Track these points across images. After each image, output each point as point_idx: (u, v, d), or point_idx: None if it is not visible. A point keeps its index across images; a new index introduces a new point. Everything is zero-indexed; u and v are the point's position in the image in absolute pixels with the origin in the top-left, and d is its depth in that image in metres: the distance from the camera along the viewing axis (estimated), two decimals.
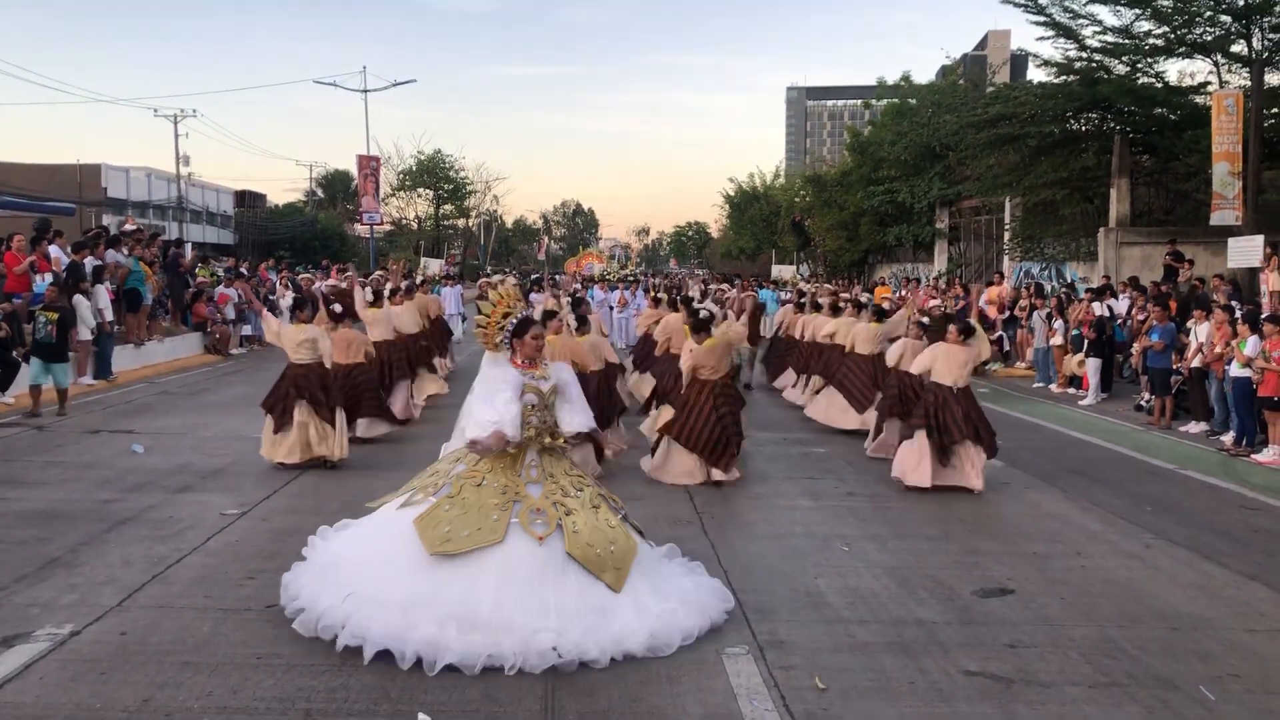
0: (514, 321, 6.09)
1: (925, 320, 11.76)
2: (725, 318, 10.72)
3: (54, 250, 16.76)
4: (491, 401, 5.86)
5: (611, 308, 28.52)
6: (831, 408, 13.36)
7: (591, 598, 5.50)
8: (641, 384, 15.30)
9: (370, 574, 5.57)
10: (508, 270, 46.69)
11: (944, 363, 9.90)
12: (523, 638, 5.23)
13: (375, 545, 5.76)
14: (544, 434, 5.97)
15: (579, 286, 26.35)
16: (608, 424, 10.40)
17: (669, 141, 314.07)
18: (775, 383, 17.25)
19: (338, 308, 11.90)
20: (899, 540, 8.03)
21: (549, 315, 10.89)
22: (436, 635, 5.21)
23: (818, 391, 13.99)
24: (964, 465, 9.75)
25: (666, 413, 10.69)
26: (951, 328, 10.26)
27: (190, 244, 32.66)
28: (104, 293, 16.92)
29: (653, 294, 19.99)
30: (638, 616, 5.54)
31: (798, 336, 16.26)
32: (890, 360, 11.52)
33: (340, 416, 10.52)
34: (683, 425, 9.85)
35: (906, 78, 38.04)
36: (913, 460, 9.75)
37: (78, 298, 16.09)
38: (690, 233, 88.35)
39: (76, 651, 5.45)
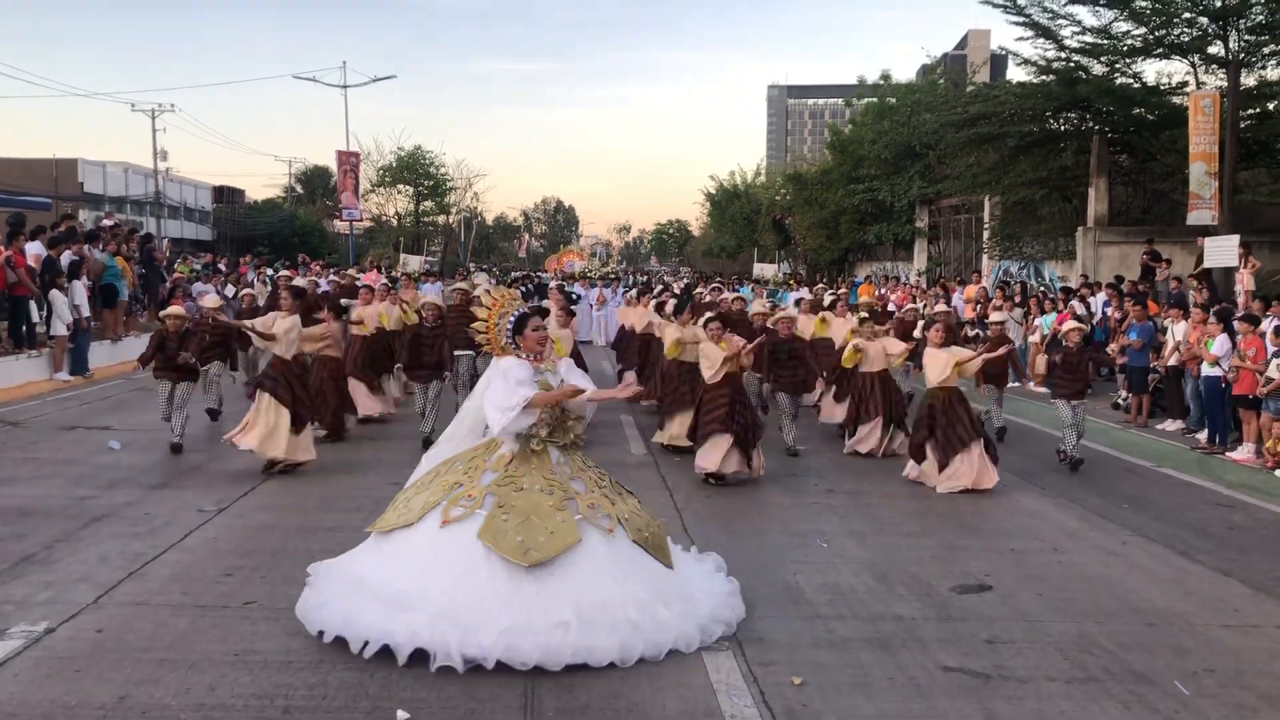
0: (512, 320, 5.96)
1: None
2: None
3: (35, 246, 16.63)
4: (512, 392, 5.77)
5: (590, 305, 28.51)
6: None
7: (663, 581, 5.68)
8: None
9: (449, 594, 5.32)
10: (486, 267, 46.44)
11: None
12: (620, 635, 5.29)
13: (437, 565, 5.40)
14: (558, 429, 5.90)
15: (556, 280, 26.18)
16: None
17: (651, 139, 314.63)
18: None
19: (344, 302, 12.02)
20: (878, 536, 8.06)
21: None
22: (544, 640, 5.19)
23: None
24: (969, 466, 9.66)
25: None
26: (936, 329, 10.31)
27: (166, 239, 32.44)
28: (81, 289, 16.77)
29: (655, 289, 19.17)
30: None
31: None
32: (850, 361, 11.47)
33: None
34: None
35: (886, 76, 38.16)
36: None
37: (54, 293, 15.99)
38: (671, 230, 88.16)
39: (52, 649, 5.41)
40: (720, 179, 55.05)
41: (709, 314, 10.59)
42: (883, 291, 24.86)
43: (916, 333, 13.86)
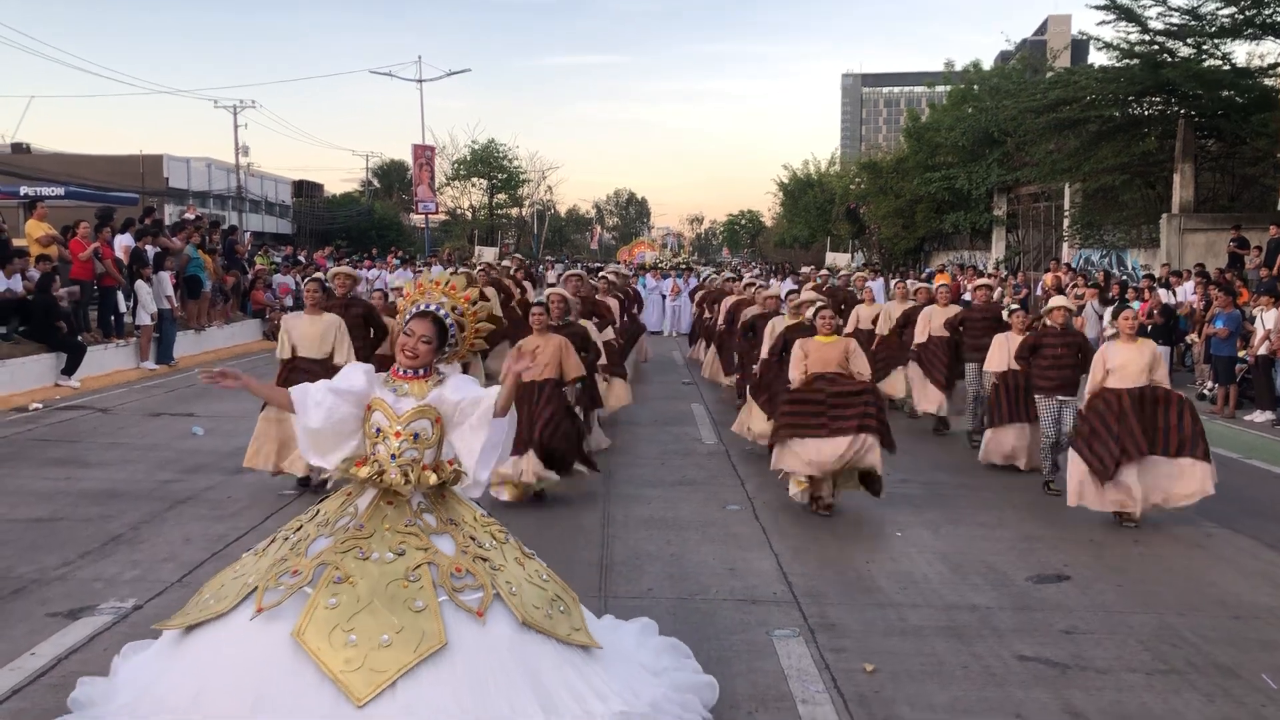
0: (409, 315, 4.43)
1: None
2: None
3: (125, 238, 17.18)
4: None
5: (664, 296, 28.52)
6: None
7: (575, 674, 4.03)
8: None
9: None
10: (556, 258, 46.61)
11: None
12: None
13: (237, 680, 3.75)
14: (415, 473, 4.18)
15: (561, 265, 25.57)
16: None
17: (723, 130, 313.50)
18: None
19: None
20: (953, 526, 7.94)
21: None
22: None
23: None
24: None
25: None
26: (1126, 313, 8.33)
27: (248, 232, 33.16)
28: (166, 279, 17.24)
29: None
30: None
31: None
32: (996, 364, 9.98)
33: None
34: None
35: (976, 64, 37.55)
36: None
37: (138, 284, 16.45)
38: (743, 221, 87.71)
39: (139, 624, 5.56)
40: (793, 168, 54.65)
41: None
42: (959, 279, 24.44)
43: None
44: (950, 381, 11.72)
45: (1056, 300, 9.56)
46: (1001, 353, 9.88)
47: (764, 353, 10.19)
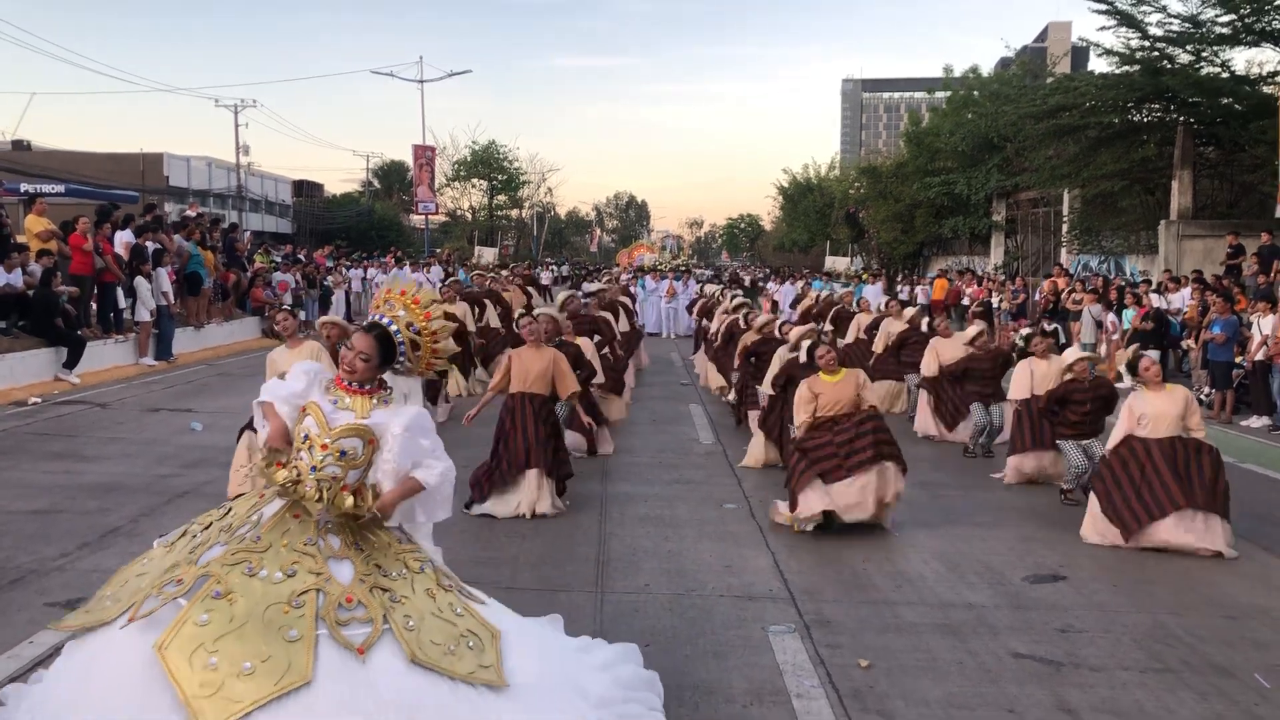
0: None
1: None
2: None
3: (126, 235, 17.21)
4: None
5: (661, 298, 28.60)
6: None
7: (470, 712, 3.66)
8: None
9: None
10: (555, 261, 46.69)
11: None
12: None
13: (103, 694, 3.50)
14: (331, 491, 3.87)
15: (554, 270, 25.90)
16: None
17: (723, 133, 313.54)
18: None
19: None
20: (950, 526, 7.96)
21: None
22: None
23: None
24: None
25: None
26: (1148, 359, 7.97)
27: (248, 231, 33.19)
28: (165, 276, 17.26)
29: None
30: None
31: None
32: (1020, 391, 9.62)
33: None
34: None
35: (975, 69, 37.66)
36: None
37: (138, 280, 16.47)
38: (743, 225, 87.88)
39: None
40: (793, 172, 54.75)
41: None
42: (958, 285, 24.52)
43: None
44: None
45: (1072, 353, 9.21)
46: (1025, 381, 9.56)
47: (766, 385, 9.98)
